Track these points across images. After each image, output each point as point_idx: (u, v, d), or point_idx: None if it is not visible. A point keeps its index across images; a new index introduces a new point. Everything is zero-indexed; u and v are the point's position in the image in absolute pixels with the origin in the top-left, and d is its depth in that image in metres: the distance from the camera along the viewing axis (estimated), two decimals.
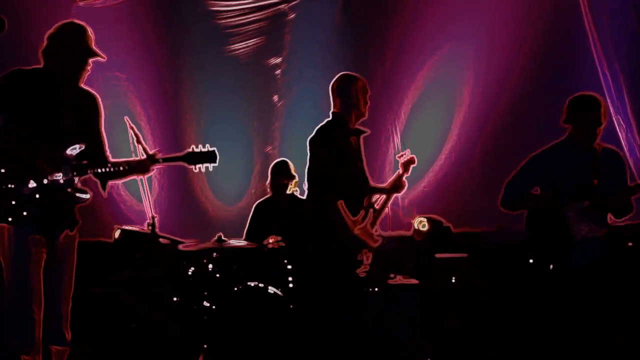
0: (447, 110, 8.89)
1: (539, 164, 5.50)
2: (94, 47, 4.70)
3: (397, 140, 8.89)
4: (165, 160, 4.85)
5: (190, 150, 4.83)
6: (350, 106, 5.62)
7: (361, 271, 5.55)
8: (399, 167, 6.05)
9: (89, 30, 4.70)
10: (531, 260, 6.08)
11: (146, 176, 5.04)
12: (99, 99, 4.85)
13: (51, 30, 4.64)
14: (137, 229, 6.83)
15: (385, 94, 8.94)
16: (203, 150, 4.83)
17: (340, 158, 5.52)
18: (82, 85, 4.77)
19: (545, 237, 5.43)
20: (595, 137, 5.38)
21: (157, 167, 4.89)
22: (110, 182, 4.87)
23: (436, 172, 8.76)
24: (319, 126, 5.65)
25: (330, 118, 5.68)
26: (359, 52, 9.10)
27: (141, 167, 4.82)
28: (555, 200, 5.36)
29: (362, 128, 5.75)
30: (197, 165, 4.84)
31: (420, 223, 7.99)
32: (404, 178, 6.01)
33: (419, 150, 8.60)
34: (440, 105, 8.87)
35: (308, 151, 5.60)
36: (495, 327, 6.91)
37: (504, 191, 5.59)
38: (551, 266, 5.40)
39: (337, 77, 5.72)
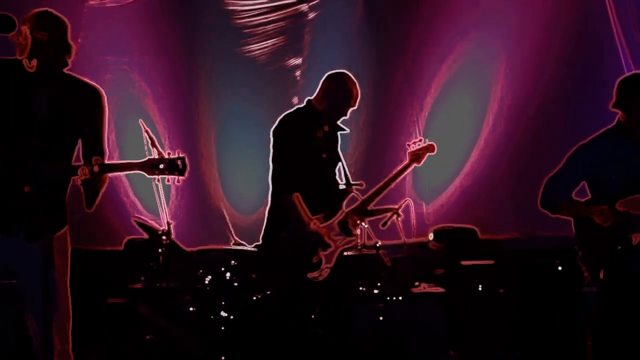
0: (475, 108, 8.84)
1: (587, 156, 4.92)
2: (69, 38, 4.35)
3: (419, 132, 8.83)
4: (107, 168, 4.11)
5: (157, 157, 4.12)
6: (330, 101, 5.61)
7: (315, 275, 5.39)
8: (407, 156, 5.98)
9: (66, 20, 4.37)
10: (560, 268, 5.94)
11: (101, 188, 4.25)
12: (102, 93, 4.42)
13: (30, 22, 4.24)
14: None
15: (407, 93, 8.90)
16: (168, 157, 4.09)
17: (301, 147, 5.47)
18: (83, 78, 4.43)
19: (598, 238, 4.83)
20: None
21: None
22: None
23: (465, 175, 8.67)
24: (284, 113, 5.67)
25: (302, 105, 5.72)
26: (381, 52, 9.06)
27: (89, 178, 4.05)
28: (613, 214, 4.75)
29: (341, 125, 5.74)
30: (159, 176, 4.08)
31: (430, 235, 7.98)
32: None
33: (445, 151, 8.65)
34: (468, 102, 8.78)
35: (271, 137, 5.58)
36: (524, 337, 6.84)
37: (544, 188, 5.02)
38: (602, 273, 4.78)
39: (335, 72, 5.74)
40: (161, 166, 4.03)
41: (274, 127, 5.59)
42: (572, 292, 5.32)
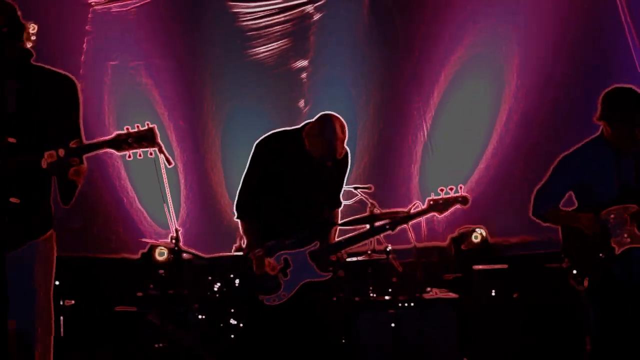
0: (486, 108, 8.75)
1: (572, 166, 5.04)
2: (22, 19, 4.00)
3: (426, 133, 8.79)
4: (73, 150, 3.80)
5: (124, 132, 3.85)
6: (312, 146, 5.29)
7: (267, 298, 5.28)
8: (426, 204, 5.48)
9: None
10: (575, 272, 5.85)
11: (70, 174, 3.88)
12: (74, 81, 4.11)
13: None
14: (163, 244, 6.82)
15: (414, 95, 8.88)
16: (135, 130, 3.83)
17: (274, 175, 5.29)
18: (53, 68, 4.12)
19: (582, 247, 4.92)
20: (632, 139, 4.83)
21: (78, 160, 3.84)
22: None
23: (477, 178, 8.61)
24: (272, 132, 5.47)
25: (296, 128, 5.47)
26: (388, 52, 9.03)
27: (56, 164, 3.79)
28: (597, 221, 4.86)
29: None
30: (130, 151, 3.87)
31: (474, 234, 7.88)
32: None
33: (454, 154, 8.61)
34: (478, 102, 8.73)
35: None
36: (540, 344, 6.81)
37: (534, 198, 5.15)
38: (586, 281, 4.88)
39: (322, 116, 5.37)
40: (129, 140, 3.82)
41: (257, 141, 5.42)
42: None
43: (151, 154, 3.93)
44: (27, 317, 3.89)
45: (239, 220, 5.38)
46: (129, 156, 3.89)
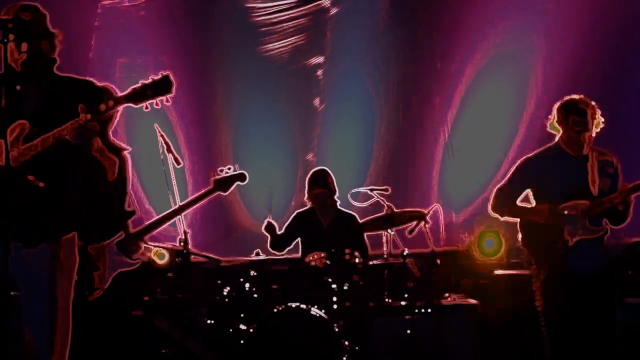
0: (509, 108, 8.72)
1: (533, 168, 5.64)
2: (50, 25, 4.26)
3: (447, 133, 8.77)
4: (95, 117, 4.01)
5: (139, 85, 4.05)
6: None
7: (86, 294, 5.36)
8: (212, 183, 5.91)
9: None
10: None
11: None
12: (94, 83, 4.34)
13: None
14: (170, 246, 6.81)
15: (435, 92, 8.85)
16: (150, 80, 4.07)
17: None
18: (72, 75, 4.34)
19: (540, 239, 5.52)
20: (582, 143, 5.50)
21: None
22: None
23: (499, 182, 8.53)
24: None
25: None
26: (408, 48, 9.03)
27: None
28: (554, 216, 5.45)
29: None
30: (147, 102, 4.04)
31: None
32: None
33: (476, 155, 8.56)
34: (501, 101, 8.67)
35: None
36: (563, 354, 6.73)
37: (494, 196, 5.73)
38: (542, 273, 5.48)
39: None
40: (148, 92, 4.01)
41: None
42: (613, 304, 5.48)
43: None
44: (43, 327, 4.00)
45: None
46: (147, 107, 4.02)
